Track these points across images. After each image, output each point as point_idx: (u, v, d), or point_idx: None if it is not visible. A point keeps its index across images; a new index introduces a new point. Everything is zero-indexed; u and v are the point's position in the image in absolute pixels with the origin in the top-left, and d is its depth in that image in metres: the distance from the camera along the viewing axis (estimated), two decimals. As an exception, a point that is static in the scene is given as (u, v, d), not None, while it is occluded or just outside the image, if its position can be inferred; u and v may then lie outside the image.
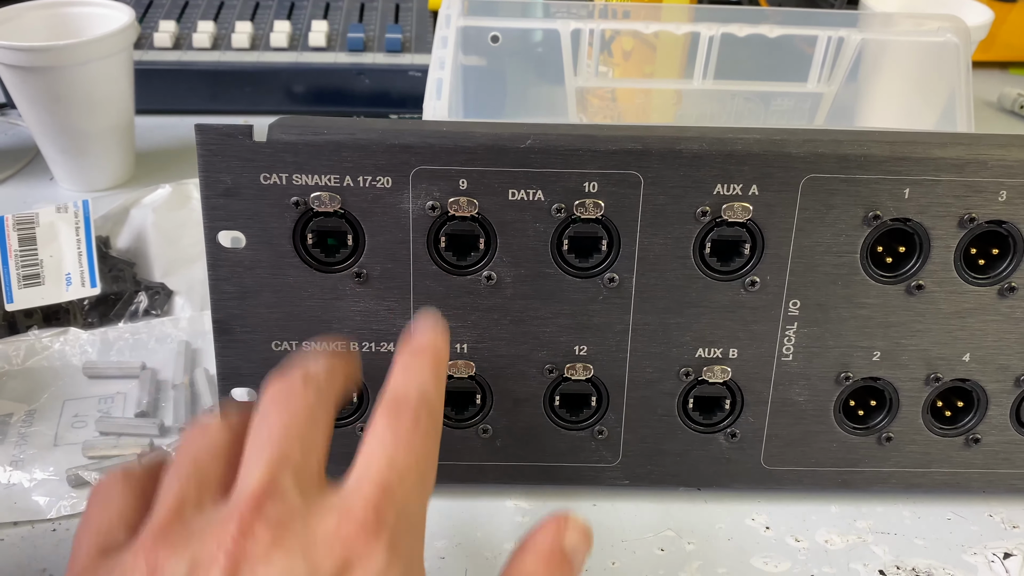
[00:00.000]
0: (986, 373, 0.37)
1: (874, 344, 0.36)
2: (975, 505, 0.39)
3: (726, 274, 0.35)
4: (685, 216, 0.34)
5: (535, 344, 0.36)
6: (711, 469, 0.38)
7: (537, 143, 0.33)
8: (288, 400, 0.26)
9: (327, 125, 0.33)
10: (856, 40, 0.51)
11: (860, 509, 0.38)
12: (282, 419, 0.26)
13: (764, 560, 0.36)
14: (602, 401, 0.37)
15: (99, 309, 0.47)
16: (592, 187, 0.34)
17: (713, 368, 0.36)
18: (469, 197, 0.34)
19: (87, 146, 0.58)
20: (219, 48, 0.70)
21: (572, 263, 0.35)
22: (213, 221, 0.34)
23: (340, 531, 0.23)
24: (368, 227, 0.34)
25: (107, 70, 0.56)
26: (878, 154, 0.34)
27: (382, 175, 0.33)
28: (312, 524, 0.23)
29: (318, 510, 0.23)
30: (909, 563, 0.36)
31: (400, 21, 0.75)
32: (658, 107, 0.56)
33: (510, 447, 0.37)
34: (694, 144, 0.33)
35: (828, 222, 0.34)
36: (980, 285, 0.36)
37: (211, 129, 0.33)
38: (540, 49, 0.55)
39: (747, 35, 0.50)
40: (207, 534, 0.23)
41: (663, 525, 0.37)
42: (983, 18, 0.61)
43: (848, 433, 0.38)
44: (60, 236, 0.47)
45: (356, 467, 0.25)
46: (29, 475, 0.38)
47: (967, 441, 0.38)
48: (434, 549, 0.36)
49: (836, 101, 0.53)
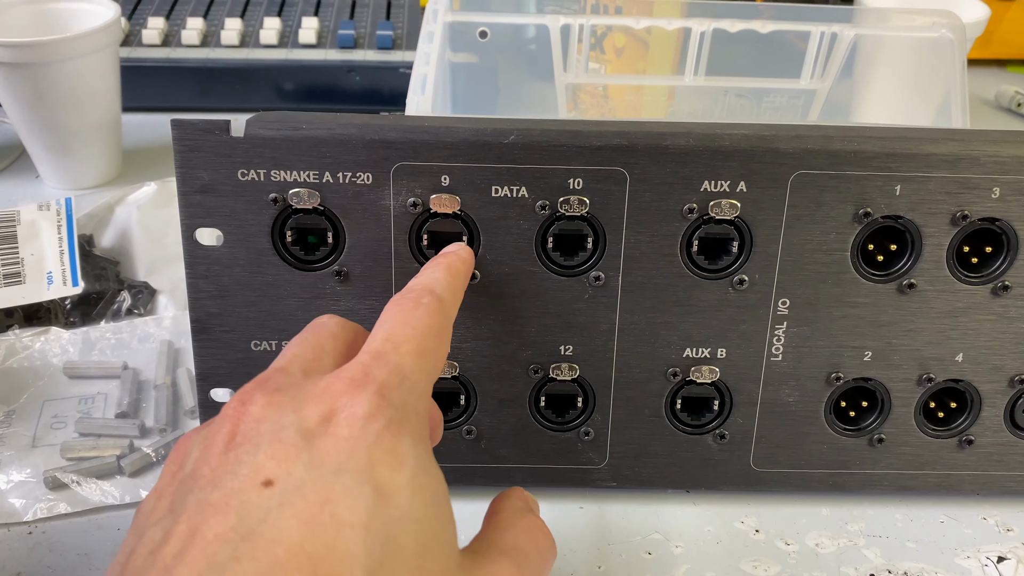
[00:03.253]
0: (979, 373, 0.36)
1: (865, 344, 0.36)
2: (968, 508, 0.38)
3: (714, 272, 0.35)
4: (672, 213, 0.34)
5: (520, 344, 0.35)
6: (699, 471, 0.37)
7: (520, 139, 0.32)
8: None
9: (306, 120, 0.32)
10: (850, 36, 0.50)
11: (851, 512, 0.38)
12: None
13: (754, 564, 0.35)
14: (588, 402, 0.36)
15: (81, 308, 0.46)
16: (577, 184, 0.33)
17: (701, 368, 0.36)
18: (451, 194, 0.33)
19: (72, 143, 0.57)
20: (208, 45, 0.70)
21: (557, 261, 0.34)
22: (190, 218, 0.33)
23: (328, 387, 0.23)
24: (348, 224, 0.33)
25: (92, 66, 0.55)
26: (869, 150, 0.33)
27: (362, 171, 0.33)
28: (307, 387, 0.24)
29: (317, 379, 0.24)
30: (901, 567, 0.35)
31: (391, 18, 0.74)
32: (650, 104, 0.55)
33: (495, 449, 0.37)
34: (681, 140, 0.33)
35: (818, 219, 0.34)
36: (973, 284, 0.35)
37: (187, 124, 0.32)
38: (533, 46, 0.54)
39: (739, 31, 0.49)
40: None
41: (651, 528, 0.37)
42: (979, 14, 0.60)
43: (839, 434, 0.37)
44: (42, 234, 0.47)
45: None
46: (6, 477, 0.37)
47: (960, 443, 0.37)
48: (417, 552, 0.35)
49: (830, 98, 0.53)
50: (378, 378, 0.24)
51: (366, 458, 0.21)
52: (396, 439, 0.22)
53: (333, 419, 0.22)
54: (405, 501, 0.21)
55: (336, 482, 0.21)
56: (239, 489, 0.21)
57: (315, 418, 0.22)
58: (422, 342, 0.26)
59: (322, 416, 0.22)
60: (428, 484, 0.22)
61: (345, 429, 0.22)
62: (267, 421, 0.22)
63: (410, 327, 0.26)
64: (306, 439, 0.22)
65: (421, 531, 0.21)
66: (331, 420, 0.22)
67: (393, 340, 0.25)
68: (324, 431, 0.22)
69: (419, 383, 0.25)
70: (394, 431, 0.22)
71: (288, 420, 0.22)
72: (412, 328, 0.26)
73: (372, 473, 0.21)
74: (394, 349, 0.25)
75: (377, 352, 0.25)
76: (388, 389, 0.23)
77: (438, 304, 0.27)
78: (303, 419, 0.22)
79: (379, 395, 0.23)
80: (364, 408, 0.22)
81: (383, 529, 0.20)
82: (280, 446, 0.21)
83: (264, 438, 0.22)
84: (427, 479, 0.22)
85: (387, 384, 0.24)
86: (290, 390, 0.24)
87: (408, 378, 0.24)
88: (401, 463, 0.22)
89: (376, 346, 0.25)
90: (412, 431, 0.23)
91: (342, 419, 0.22)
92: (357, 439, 0.22)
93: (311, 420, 0.22)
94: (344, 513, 0.20)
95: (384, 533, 0.20)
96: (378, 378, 0.24)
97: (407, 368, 0.25)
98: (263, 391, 0.23)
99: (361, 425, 0.22)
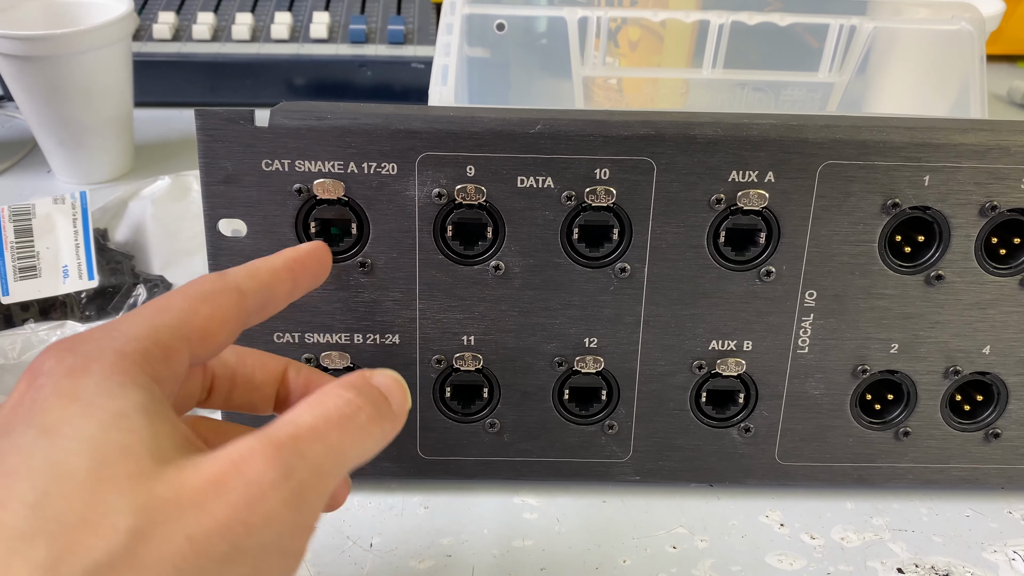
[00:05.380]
0: (1006, 366, 0.36)
1: (892, 336, 0.35)
2: (994, 502, 0.38)
3: (741, 264, 0.34)
4: (699, 204, 0.33)
5: (544, 336, 0.35)
6: (724, 464, 0.37)
7: (547, 128, 0.32)
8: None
9: (331, 110, 0.32)
10: (868, 28, 0.50)
11: (876, 506, 0.37)
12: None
13: (779, 558, 0.35)
14: (612, 395, 0.36)
15: (97, 302, 0.46)
16: (603, 174, 0.33)
17: (727, 361, 0.35)
18: (477, 184, 0.33)
19: (85, 138, 0.57)
20: (219, 40, 0.69)
21: (582, 252, 0.34)
22: (213, 209, 0.33)
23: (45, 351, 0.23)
24: (373, 215, 0.33)
25: (105, 60, 0.55)
26: (898, 140, 0.33)
27: (387, 161, 0.32)
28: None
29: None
30: (927, 561, 0.35)
31: (403, 12, 0.74)
32: (666, 98, 0.55)
33: (518, 442, 0.36)
34: (708, 129, 0.32)
35: (846, 210, 0.33)
36: (1001, 275, 0.35)
37: (211, 114, 0.32)
38: (544, 40, 0.54)
39: (758, 23, 0.49)
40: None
41: (675, 522, 0.36)
42: (995, 8, 0.60)
43: (865, 428, 0.37)
44: (57, 228, 0.46)
45: None
46: (24, 471, 0.37)
47: (986, 436, 0.37)
48: (440, 547, 0.35)
49: (847, 91, 0.52)
50: (83, 335, 0.23)
51: (39, 407, 0.21)
52: (74, 380, 0.21)
53: (35, 382, 0.22)
54: (72, 429, 0.20)
55: (5, 442, 0.20)
56: None
57: (23, 386, 0.22)
58: (166, 302, 0.24)
59: (28, 382, 0.22)
60: (105, 404, 0.21)
61: (44, 390, 0.21)
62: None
63: (172, 292, 0.25)
64: (3, 409, 0.22)
65: (95, 448, 0.20)
66: (33, 384, 0.22)
67: (142, 305, 0.24)
68: (24, 396, 0.22)
69: (131, 331, 0.23)
70: (76, 374, 0.21)
71: (10, 399, 0.22)
72: (172, 293, 0.25)
73: (40, 417, 0.20)
74: (133, 311, 0.24)
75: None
76: (82, 340, 0.22)
77: (222, 280, 0.26)
78: (16, 390, 0.22)
79: (68, 349, 0.22)
80: (53, 359, 0.22)
81: (44, 462, 0.20)
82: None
83: None
84: (105, 400, 0.21)
85: (84, 338, 0.22)
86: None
87: (117, 328, 0.23)
88: (72, 399, 0.21)
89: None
90: (100, 370, 0.22)
91: (41, 381, 0.22)
92: (46, 393, 0.21)
93: (21, 388, 0.22)
94: (11, 462, 0.20)
95: (45, 465, 0.20)
96: (83, 335, 0.23)
97: (124, 321, 0.23)
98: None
99: (53, 379, 0.21)
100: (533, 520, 0.36)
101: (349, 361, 0.35)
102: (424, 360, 0.35)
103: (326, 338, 0.34)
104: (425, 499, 0.37)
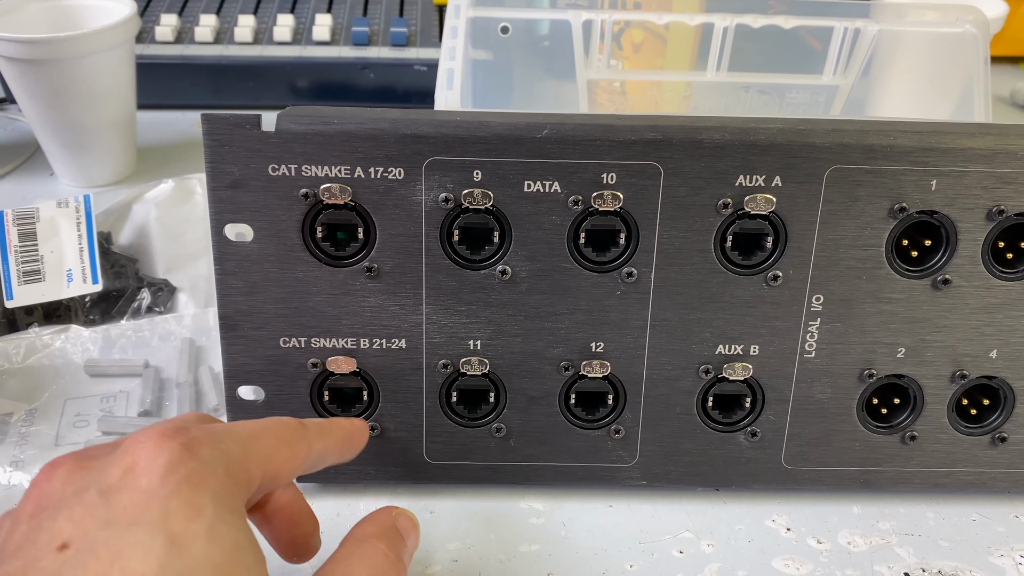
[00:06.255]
0: (1013, 370, 0.36)
1: (899, 340, 0.35)
2: (1001, 506, 0.38)
3: (748, 268, 0.34)
4: (706, 208, 0.33)
5: (550, 341, 0.35)
6: (730, 469, 0.37)
7: (554, 133, 0.32)
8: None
9: (337, 115, 0.32)
10: (873, 31, 0.50)
11: (882, 510, 0.37)
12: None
13: (785, 562, 0.35)
14: (619, 399, 0.36)
15: (101, 306, 0.46)
16: (610, 178, 0.33)
17: (734, 365, 0.35)
18: (484, 189, 0.33)
19: (88, 141, 0.57)
20: (222, 42, 0.69)
21: (589, 257, 0.34)
22: (220, 214, 0.33)
23: (136, 439, 0.23)
24: (379, 220, 0.33)
25: (108, 63, 0.54)
26: (905, 144, 0.33)
27: (394, 166, 0.32)
28: (119, 445, 0.24)
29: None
30: (934, 565, 0.35)
31: (405, 15, 0.74)
32: (669, 101, 0.55)
33: (524, 447, 0.36)
34: (716, 134, 0.32)
35: (853, 214, 0.33)
36: (1008, 279, 0.35)
37: (218, 119, 0.32)
38: (547, 43, 0.53)
39: (761, 26, 0.49)
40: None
41: (681, 526, 0.36)
42: (999, 10, 0.60)
43: (871, 432, 0.37)
44: (61, 231, 0.46)
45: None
46: (30, 476, 0.37)
47: (993, 440, 0.37)
48: (447, 552, 0.35)
49: (852, 94, 0.52)
50: (189, 433, 0.23)
51: (162, 509, 0.21)
52: (196, 490, 0.22)
53: (134, 470, 0.22)
54: (200, 549, 0.21)
55: (128, 536, 0.21)
56: (35, 557, 0.21)
57: (118, 473, 0.22)
58: (259, 430, 0.26)
59: (125, 469, 0.22)
60: (227, 533, 0.22)
61: (144, 480, 0.22)
62: (72, 484, 0.22)
63: (260, 423, 0.26)
64: (105, 496, 0.22)
65: (219, 574, 0.21)
66: (132, 471, 0.22)
67: (234, 423, 0.26)
68: (124, 484, 0.22)
69: (234, 452, 0.24)
70: (195, 482, 0.22)
71: (91, 479, 0.22)
72: (260, 423, 0.26)
73: (166, 524, 0.21)
74: (226, 424, 0.25)
75: (209, 423, 0.25)
76: (196, 444, 0.23)
77: (303, 430, 0.28)
78: (106, 477, 0.22)
79: (184, 447, 0.23)
80: (165, 458, 0.22)
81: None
82: (80, 507, 0.21)
83: (66, 502, 0.22)
84: (226, 528, 0.22)
85: (196, 439, 0.23)
86: (104, 453, 0.23)
87: (223, 443, 0.24)
88: (198, 513, 0.22)
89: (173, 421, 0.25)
90: (216, 486, 0.23)
91: (142, 469, 0.22)
92: (156, 490, 0.22)
93: (114, 476, 0.22)
94: (135, 566, 0.20)
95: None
96: (189, 433, 0.23)
97: (226, 437, 0.24)
98: (75, 457, 0.23)
99: (161, 476, 0.22)
100: (539, 525, 0.36)
101: (355, 366, 0.35)
102: (430, 365, 0.35)
103: (332, 343, 0.34)
104: (431, 504, 0.37)
